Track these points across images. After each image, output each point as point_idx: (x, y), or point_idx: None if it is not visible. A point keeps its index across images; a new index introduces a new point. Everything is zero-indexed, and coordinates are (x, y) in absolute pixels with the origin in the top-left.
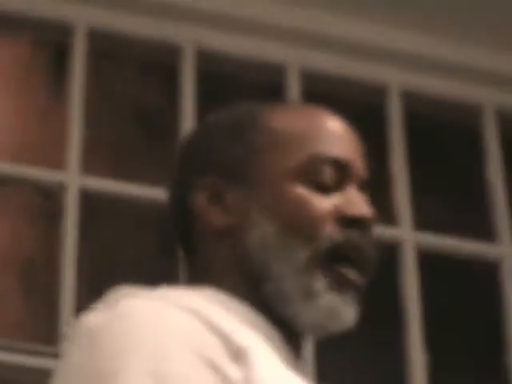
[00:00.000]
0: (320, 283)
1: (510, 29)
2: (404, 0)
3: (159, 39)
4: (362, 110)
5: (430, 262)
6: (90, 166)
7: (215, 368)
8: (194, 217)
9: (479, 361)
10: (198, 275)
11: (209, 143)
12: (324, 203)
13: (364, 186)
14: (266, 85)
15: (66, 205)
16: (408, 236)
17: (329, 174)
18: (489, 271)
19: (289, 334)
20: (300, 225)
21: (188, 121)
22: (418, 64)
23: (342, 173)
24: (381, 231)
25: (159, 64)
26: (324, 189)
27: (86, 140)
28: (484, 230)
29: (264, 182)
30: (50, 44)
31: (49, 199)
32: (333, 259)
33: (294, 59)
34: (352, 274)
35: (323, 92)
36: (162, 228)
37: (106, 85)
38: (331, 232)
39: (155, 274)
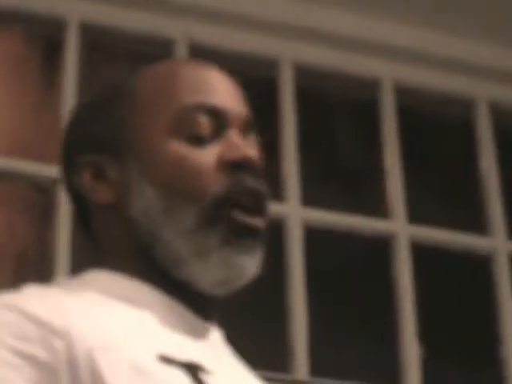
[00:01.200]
0: (214, 238)
1: (502, 23)
2: None
3: (152, 33)
4: (356, 103)
5: (423, 255)
6: None
7: (28, 357)
8: (83, 197)
9: (473, 353)
10: (97, 253)
11: (84, 122)
12: (203, 155)
13: (249, 130)
14: (259, 79)
15: (60, 199)
16: (402, 229)
17: (203, 124)
18: (482, 264)
19: (193, 297)
20: (182, 184)
21: None
22: (410, 58)
23: (218, 120)
24: (374, 224)
25: (152, 58)
26: (201, 140)
27: None
28: (477, 223)
29: (139, 149)
30: (43, 38)
31: (43, 194)
32: (224, 209)
33: (288, 53)
34: (248, 219)
35: (317, 86)
36: None
37: (99, 79)
38: (216, 183)
39: None
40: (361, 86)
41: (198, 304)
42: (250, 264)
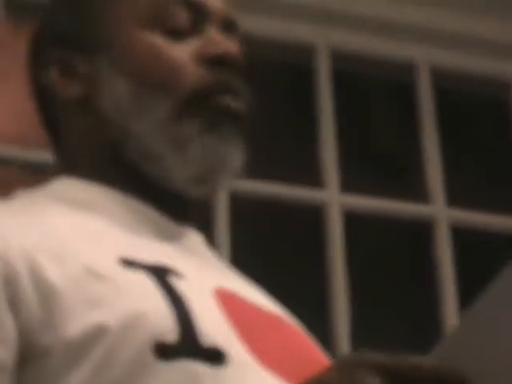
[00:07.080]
0: (191, 127)
1: None
2: None
3: None
4: (392, 88)
5: (463, 238)
6: None
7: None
8: (51, 95)
9: None
10: (65, 158)
11: (52, 18)
12: (180, 49)
13: (230, 29)
14: (295, 65)
15: None
16: (441, 213)
17: (182, 17)
18: None
19: (164, 198)
20: (157, 76)
21: None
22: (446, 40)
23: (197, 15)
24: (414, 209)
25: None
26: (179, 34)
27: None
28: None
29: (113, 41)
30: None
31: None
32: (203, 99)
33: (323, 39)
34: (229, 101)
35: (352, 71)
36: None
37: None
38: (194, 75)
39: None
40: (397, 70)
41: (171, 205)
42: (232, 154)
